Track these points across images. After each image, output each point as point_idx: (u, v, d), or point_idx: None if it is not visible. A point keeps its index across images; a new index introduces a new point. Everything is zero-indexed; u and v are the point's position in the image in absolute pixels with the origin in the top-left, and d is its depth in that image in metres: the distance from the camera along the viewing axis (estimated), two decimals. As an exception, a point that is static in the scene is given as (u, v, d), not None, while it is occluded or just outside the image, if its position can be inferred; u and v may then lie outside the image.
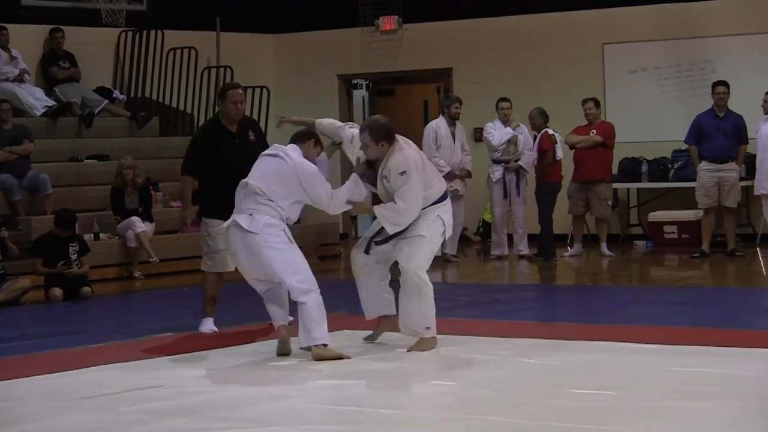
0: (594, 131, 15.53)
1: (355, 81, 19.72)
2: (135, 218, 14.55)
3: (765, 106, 14.84)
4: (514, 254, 15.76)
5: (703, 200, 15.15)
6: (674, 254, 15.68)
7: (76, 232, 13.40)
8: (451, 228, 8.90)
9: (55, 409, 7.14)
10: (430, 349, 8.68)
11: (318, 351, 8.34)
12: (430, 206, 8.63)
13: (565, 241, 16.05)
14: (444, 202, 8.74)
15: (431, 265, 8.75)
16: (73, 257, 12.92)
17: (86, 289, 12.84)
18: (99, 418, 6.89)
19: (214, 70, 17.78)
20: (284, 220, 8.53)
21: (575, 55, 17.48)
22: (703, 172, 15.10)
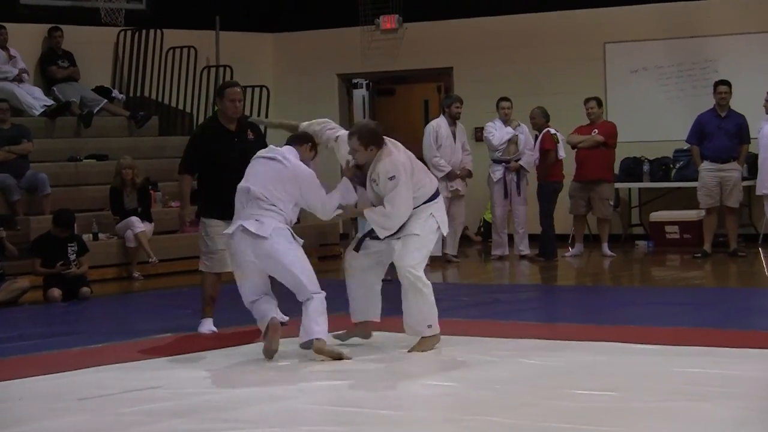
0: (596, 131, 15.49)
1: (355, 80, 19.68)
2: (134, 218, 14.52)
3: (767, 105, 14.82)
4: (515, 254, 15.74)
5: (705, 200, 15.11)
6: (676, 254, 15.65)
7: (75, 232, 13.39)
8: (447, 226, 8.88)
9: (53, 410, 7.12)
10: (431, 349, 8.66)
11: (320, 344, 8.33)
12: (422, 205, 8.63)
13: (566, 241, 16.02)
14: (436, 200, 8.73)
15: (432, 266, 8.74)
16: (71, 257, 12.89)
17: (85, 289, 12.81)
18: (98, 419, 6.89)
19: (213, 70, 17.75)
20: (288, 223, 8.55)
21: (576, 55, 17.44)
22: (705, 171, 15.07)
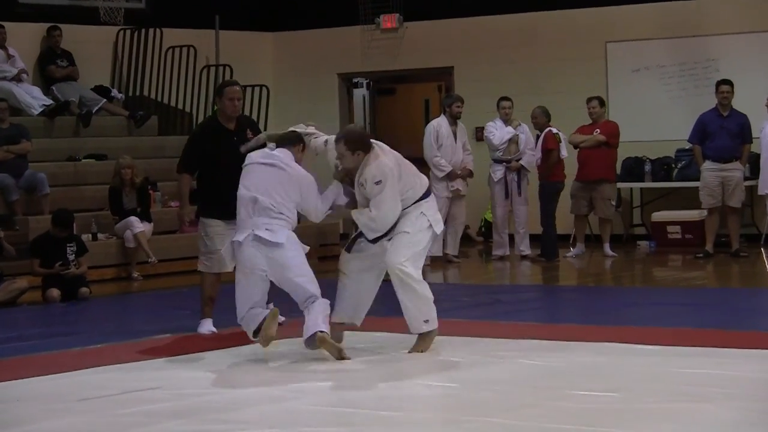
0: (598, 130, 15.45)
1: (355, 80, 19.66)
2: (133, 218, 14.49)
3: (769, 105, 14.82)
4: (516, 255, 15.71)
5: (707, 200, 15.08)
6: (678, 254, 15.63)
7: (74, 232, 13.36)
8: (440, 224, 8.85)
9: (52, 411, 7.11)
10: (430, 346, 8.62)
11: (323, 336, 8.32)
12: (413, 204, 8.62)
13: (568, 241, 15.98)
14: (427, 199, 8.72)
15: (432, 266, 8.71)
16: (70, 257, 12.86)
17: (84, 289, 12.78)
18: (97, 420, 6.88)
19: (213, 69, 17.72)
20: (293, 228, 8.63)
21: (578, 54, 17.41)
22: (707, 171, 15.03)
